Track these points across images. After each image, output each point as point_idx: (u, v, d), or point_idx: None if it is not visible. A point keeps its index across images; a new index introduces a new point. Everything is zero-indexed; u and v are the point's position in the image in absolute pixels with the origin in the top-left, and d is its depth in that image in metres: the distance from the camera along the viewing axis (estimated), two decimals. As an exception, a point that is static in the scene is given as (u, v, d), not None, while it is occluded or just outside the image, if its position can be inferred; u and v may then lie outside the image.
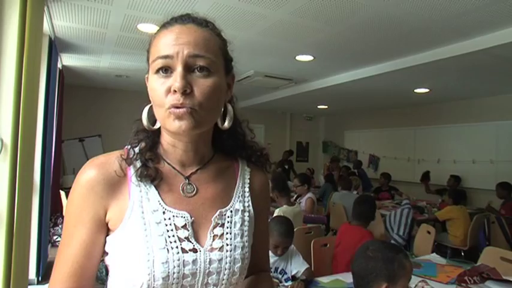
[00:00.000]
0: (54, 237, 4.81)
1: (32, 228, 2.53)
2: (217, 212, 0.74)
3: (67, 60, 4.63)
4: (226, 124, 0.77)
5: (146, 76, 0.73)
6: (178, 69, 0.65)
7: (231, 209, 0.76)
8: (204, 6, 2.79)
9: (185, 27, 0.69)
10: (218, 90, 0.70)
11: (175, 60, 0.66)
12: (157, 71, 0.67)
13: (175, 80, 0.65)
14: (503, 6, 2.66)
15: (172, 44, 0.66)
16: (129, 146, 0.75)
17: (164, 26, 0.71)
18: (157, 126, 0.76)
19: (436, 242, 3.84)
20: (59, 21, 3.23)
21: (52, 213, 4.79)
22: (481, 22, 2.97)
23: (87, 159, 0.73)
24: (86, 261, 0.69)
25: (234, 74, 0.79)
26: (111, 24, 3.28)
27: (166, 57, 0.66)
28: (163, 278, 0.66)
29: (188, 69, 0.66)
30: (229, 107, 0.78)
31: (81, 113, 6.46)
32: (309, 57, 4.19)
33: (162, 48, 0.67)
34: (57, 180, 4.93)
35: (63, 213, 5.24)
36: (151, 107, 0.73)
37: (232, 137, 0.83)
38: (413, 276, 2.10)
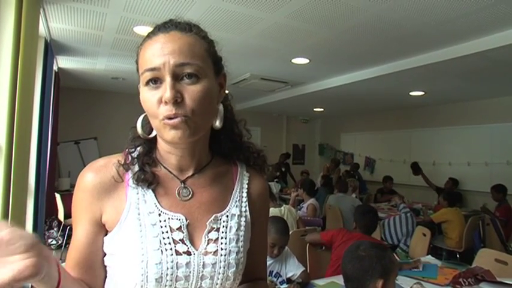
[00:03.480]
0: (49, 240, 4.78)
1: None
2: (212, 217, 0.74)
3: (63, 62, 4.61)
4: (217, 123, 0.76)
5: (138, 86, 0.73)
6: (167, 80, 0.65)
7: (227, 213, 0.76)
8: (200, 10, 2.80)
9: (169, 35, 0.68)
10: (209, 94, 0.69)
11: (163, 71, 0.66)
12: (147, 83, 0.68)
13: (165, 90, 0.65)
14: (497, 10, 2.69)
15: (158, 54, 0.66)
16: (127, 151, 0.77)
17: (148, 36, 0.71)
18: (153, 134, 0.76)
19: (431, 244, 3.85)
20: (55, 24, 3.23)
21: (47, 216, 4.75)
22: (475, 26, 3.00)
23: (83, 162, 0.74)
24: (84, 259, 0.72)
25: (225, 73, 0.78)
26: (107, 26, 3.28)
27: (153, 69, 0.66)
28: (156, 279, 0.66)
29: (176, 78, 0.66)
30: (220, 107, 0.77)
31: (77, 115, 6.42)
32: (304, 60, 4.21)
33: (148, 60, 0.67)
34: (52, 183, 4.91)
35: (58, 216, 5.23)
36: (145, 115, 0.73)
37: (229, 138, 0.82)
38: (409, 278, 2.13)
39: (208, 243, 0.72)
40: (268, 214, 0.92)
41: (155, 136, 0.77)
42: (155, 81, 0.67)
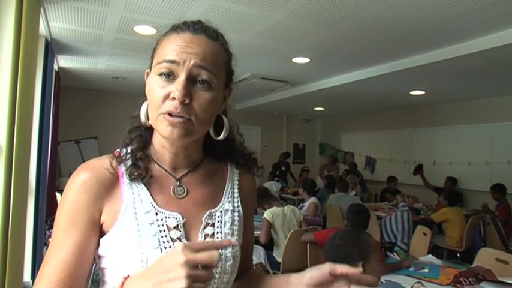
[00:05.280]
0: (50, 240, 4.78)
1: (27, 231, 2.52)
2: (207, 213, 0.76)
3: (63, 62, 4.61)
4: (221, 136, 0.79)
5: (147, 71, 0.74)
6: (182, 77, 0.66)
7: (221, 209, 0.78)
8: (200, 9, 2.79)
9: (196, 37, 0.70)
10: (215, 104, 0.72)
11: (181, 67, 0.67)
12: (160, 74, 0.68)
13: (177, 88, 0.66)
14: (497, 9, 2.68)
15: (180, 50, 0.68)
16: (120, 147, 0.77)
17: (175, 30, 0.72)
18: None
19: (432, 244, 3.85)
20: (56, 23, 3.23)
21: (47, 216, 4.74)
22: (475, 25, 3.00)
23: (83, 161, 0.73)
24: (77, 266, 0.67)
25: (232, 88, 0.81)
26: (107, 26, 3.28)
27: (172, 62, 0.67)
28: None
29: (191, 79, 0.67)
30: (225, 120, 0.80)
31: (78, 114, 6.43)
32: (305, 60, 4.20)
33: (169, 52, 0.68)
34: (52, 183, 4.90)
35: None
36: None
37: (223, 143, 0.84)
38: (410, 278, 2.13)
39: (205, 239, 0.74)
40: (255, 208, 0.97)
41: (151, 132, 0.77)
42: (169, 75, 0.68)
